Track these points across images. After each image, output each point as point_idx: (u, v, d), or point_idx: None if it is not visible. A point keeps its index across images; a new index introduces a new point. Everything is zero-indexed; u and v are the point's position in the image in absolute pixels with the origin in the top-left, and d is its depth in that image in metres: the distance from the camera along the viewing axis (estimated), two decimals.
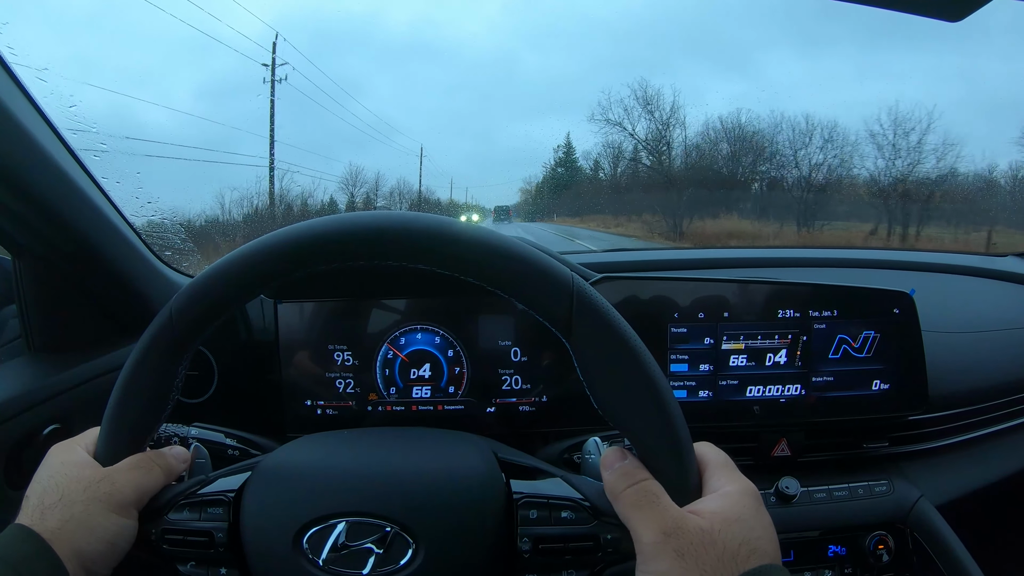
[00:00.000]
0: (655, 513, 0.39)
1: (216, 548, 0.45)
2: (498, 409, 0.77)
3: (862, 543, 0.76)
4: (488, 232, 0.42)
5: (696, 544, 0.37)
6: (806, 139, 9.89)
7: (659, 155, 12.01)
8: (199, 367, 0.78)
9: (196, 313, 0.43)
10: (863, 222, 8.10)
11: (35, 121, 0.62)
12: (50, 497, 0.42)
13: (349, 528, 0.43)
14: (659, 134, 11.76)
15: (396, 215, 0.42)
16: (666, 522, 0.39)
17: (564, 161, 13.57)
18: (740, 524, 0.38)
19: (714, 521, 0.38)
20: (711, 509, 0.39)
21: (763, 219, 9.05)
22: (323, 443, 0.51)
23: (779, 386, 0.77)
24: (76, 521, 0.41)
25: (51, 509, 0.42)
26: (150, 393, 0.44)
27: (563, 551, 0.44)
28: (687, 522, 0.39)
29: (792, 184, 9.92)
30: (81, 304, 0.76)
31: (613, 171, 12.72)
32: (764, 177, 10.60)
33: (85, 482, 0.43)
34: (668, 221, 8.89)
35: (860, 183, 9.44)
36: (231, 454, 0.62)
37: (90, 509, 0.42)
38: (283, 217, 6.01)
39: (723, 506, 0.39)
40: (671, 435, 0.40)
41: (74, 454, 0.45)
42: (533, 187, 13.69)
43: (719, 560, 0.37)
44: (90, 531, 0.42)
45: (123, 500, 0.43)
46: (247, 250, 0.42)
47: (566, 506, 0.45)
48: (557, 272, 0.41)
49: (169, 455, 0.49)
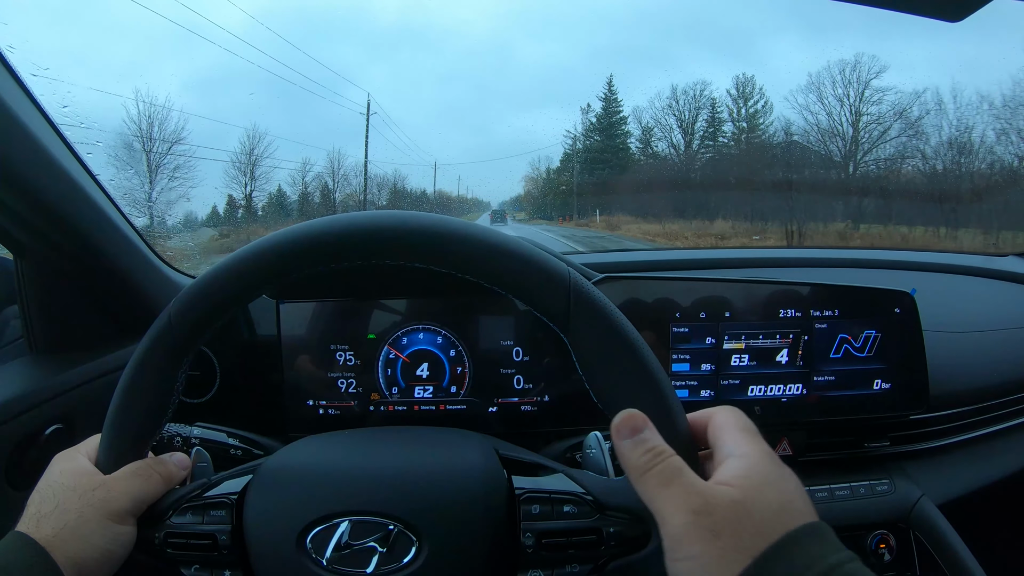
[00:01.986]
0: (682, 491, 0.37)
1: (220, 551, 0.45)
2: (500, 409, 0.77)
3: (864, 542, 0.76)
4: (485, 229, 0.42)
5: (731, 519, 0.35)
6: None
7: (753, 133, 8.46)
8: (201, 367, 0.78)
9: (195, 317, 0.43)
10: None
11: (37, 120, 0.62)
12: (47, 505, 0.43)
13: (352, 527, 0.43)
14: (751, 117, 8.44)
15: (392, 214, 0.42)
16: (693, 500, 0.36)
17: (604, 123, 8.91)
18: (771, 487, 0.36)
19: (747, 489, 0.36)
20: (739, 475, 0.37)
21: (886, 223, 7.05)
22: (324, 443, 0.51)
23: (780, 386, 0.77)
24: (70, 529, 0.42)
25: (47, 517, 0.42)
26: (150, 399, 0.44)
27: (566, 545, 0.44)
28: (717, 496, 0.36)
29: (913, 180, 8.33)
30: (83, 304, 0.76)
31: (686, 145, 8.27)
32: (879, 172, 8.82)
33: (80, 490, 0.43)
34: (792, 224, 6.65)
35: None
36: (233, 454, 0.62)
37: (84, 516, 0.42)
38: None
39: (750, 470, 0.37)
40: (672, 426, 0.40)
41: (74, 462, 0.45)
42: (542, 174, 10.22)
43: (757, 532, 0.34)
44: (84, 539, 0.42)
45: (119, 508, 0.43)
46: (244, 253, 0.42)
47: (568, 500, 0.45)
48: (553, 268, 0.41)
49: (170, 462, 0.49)
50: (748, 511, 0.35)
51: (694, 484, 0.37)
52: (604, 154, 8.91)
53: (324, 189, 8.49)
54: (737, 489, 0.36)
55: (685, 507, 0.36)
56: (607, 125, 8.76)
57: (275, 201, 7.56)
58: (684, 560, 0.36)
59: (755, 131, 9.30)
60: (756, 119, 9.36)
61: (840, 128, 9.22)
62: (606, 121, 8.85)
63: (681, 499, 0.36)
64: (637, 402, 0.40)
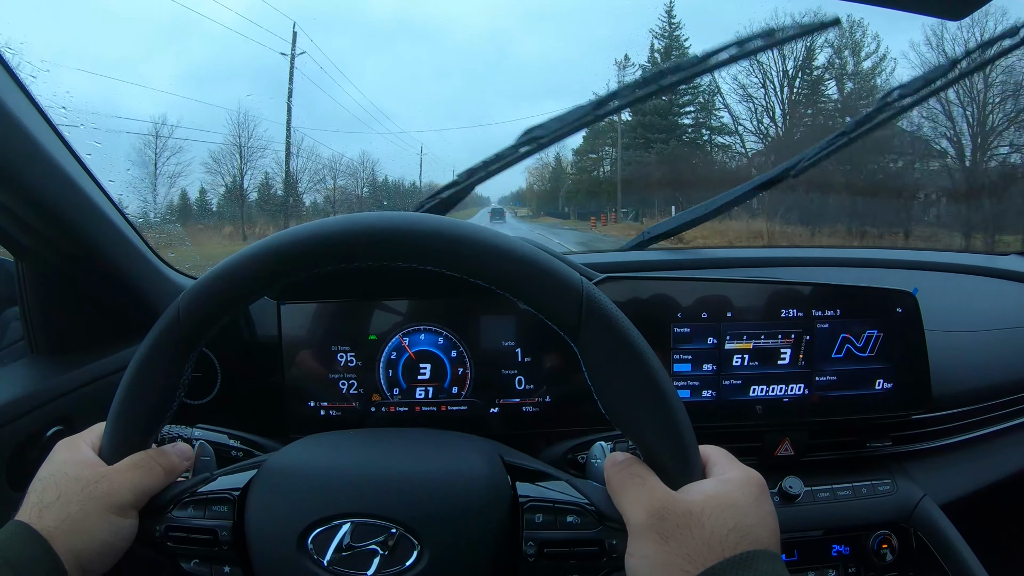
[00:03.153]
0: (642, 493, 0.39)
1: (220, 546, 0.45)
2: (502, 410, 0.77)
3: (866, 543, 0.76)
4: (495, 234, 0.42)
5: (681, 527, 0.37)
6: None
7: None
8: (202, 369, 0.78)
9: (204, 311, 0.43)
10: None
11: (37, 122, 0.62)
12: (49, 495, 0.43)
13: (354, 529, 0.43)
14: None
15: (403, 216, 0.42)
16: (653, 503, 0.38)
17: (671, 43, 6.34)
18: (733, 510, 0.37)
19: (705, 504, 0.38)
20: (705, 491, 0.39)
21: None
22: (329, 443, 0.51)
23: (782, 386, 0.77)
24: (72, 521, 0.42)
25: (49, 508, 0.42)
26: (156, 390, 0.44)
27: (568, 555, 0.44)
28: (675, 503, 0.38)
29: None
30: (84, 306, 0.76)
31: (788, 109, 5.94)
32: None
33: (83, 482, 0.43)
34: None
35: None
36: (234, 455, 0.62)
37: (86, 509, 0.42)
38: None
39: (719, 491, 0.39)
40: (677, 440, 0.40)
41: (77, 452, 0.45)
42: (550, 162, 8.32)
43: (704, 544, 0.36)
44: (86, 532, 0.42)
45: (121, 500, 0.43)
46: (253, 250, 0.42)
47: (571, 510, 0.45)
48: (566, 275, 0.41)
49: (172, 453, 0.49)
50: (700, 524, 0.37)
51: (654, 488, 0.40)
52: (665, 121, 6.45)
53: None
54: (697, 503, 0.38)
55: (643, 507, 0.39)
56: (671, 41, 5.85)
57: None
58: (636, 558, 0.38)
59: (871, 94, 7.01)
60: (870, 77, 6.93)
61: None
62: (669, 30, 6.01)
63: (642, 499, 0.39)
64: (644, 416, 0.40)
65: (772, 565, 0.36)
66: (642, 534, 0.38)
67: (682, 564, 0.36)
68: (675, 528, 0.37)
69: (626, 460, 0.42)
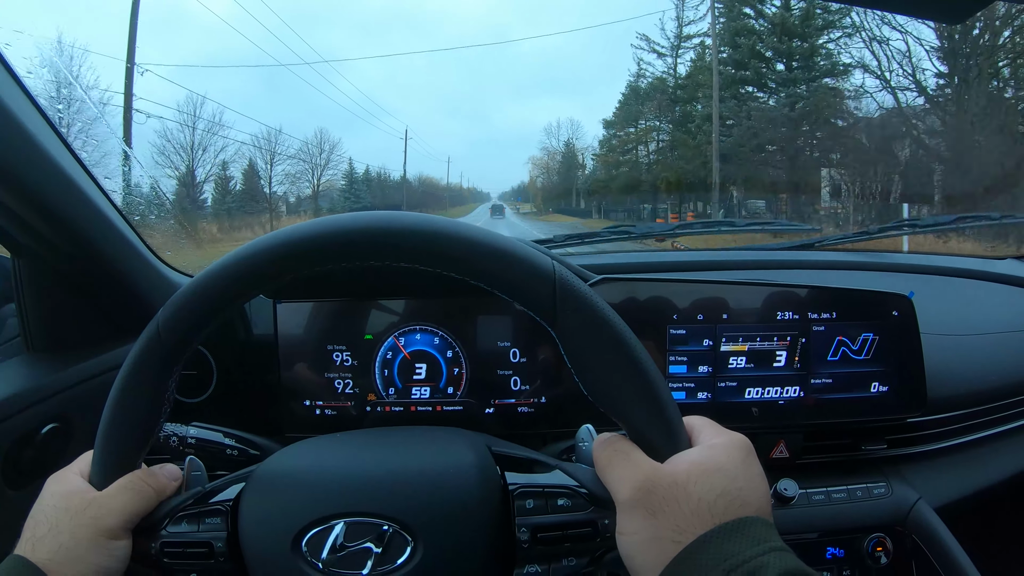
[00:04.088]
0: (627, 469, 0.39)
1: (216, 558, 0.45)
2: (497, 410, 0.77)
3: (860, 545, 0.76)
4: (468, 226, 0.42)
5: (668, 499, 0.36)
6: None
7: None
8: (198, 366, 0.78)
9: (184, 325, 0.43)
10: None
11: (34, 119, 0.62)
12: (41, 528, 0.43)
13: (347, 528, 0.43)
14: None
15: (376, 215, 0.42)
16: (638, 477, 0.38)
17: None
18: (720, 474, 0.37)
19: (691, 472, 0.37)
20: (690, 459, 0.38)
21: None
22: (317, 446, 0.51)
23: (778, 388, 0.77)
24: (65, 550, 0.42)
25: (41, 541, 0.42)
26: (141, 411, 0.44)
27: (562, 539, 0.44)
28: (661, 476, 0.38)
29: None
30: (80, 303, 0.76)
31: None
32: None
33: (72, 511, 0.43)
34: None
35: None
36: (229, 454, 0.62)
37: (77, 536, 0.42)
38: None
39: (704, 456, 0.38)
40: (660, 413, 0.40)
41: (66, 483, 0.46)
42: (558, 149, 6.92)
43: (693, 513, 0.35)
44: (80, 559, 0.42)
45: (111, 524, 0.43)
46: (232, 258, 0.42)
47: (562, 494, 0.45)
48: (537, 261, 0.41)
49: (161, 474, 0.49)
50: (688, 494, 0.36)
51: (639, 463, 0.39)
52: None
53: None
54: (682, 472, 0.37)
55: (630, 482, 0.38)
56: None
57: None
58: (626, 535, 0.38)
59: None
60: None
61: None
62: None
63: (628, 474, 0.39)
64: (626, 394, 0.41)
65: (763, 530, 0.35)
66: (630, 510, 0.38)
67: (672, 536, 0.35)
68: (662, 501, 0.37)
69: (611, 438, 0.43)
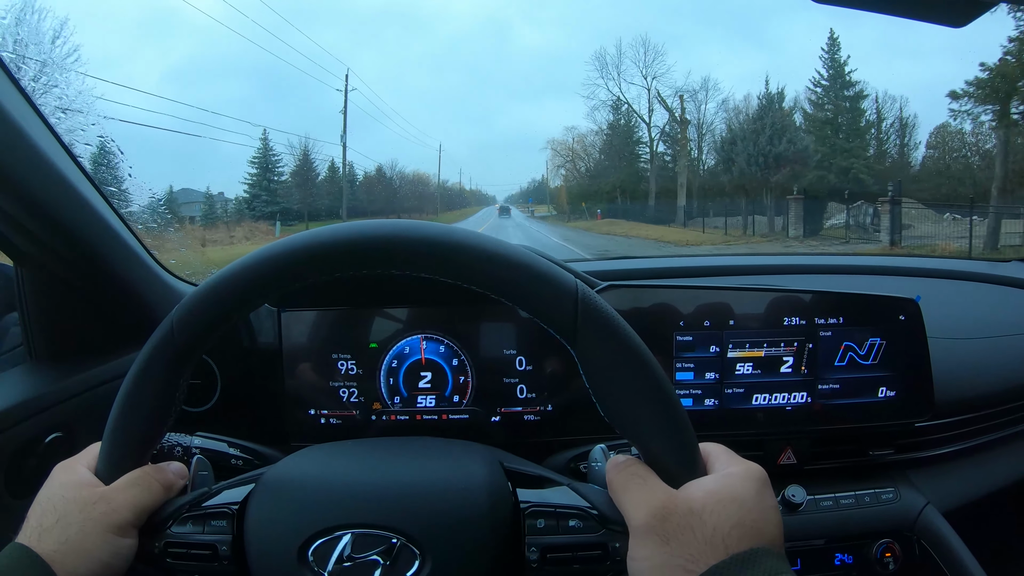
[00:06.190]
0: (643, 494, 0.39)
1: (220, 561, 0.44)
2: (503, 418, 0.77)
3: (869, 551, 0.75)
4: (491, 239, 0.42)
5: (683, 527, 0.36)
6: None
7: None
8: (202, 376, 0.78)
9: (197, 325, 0.43)
10: None
11: (37, 127, 0.62)
12: (48, 518, 0.42)
13: (355, 540, 0.43)
14: None
15: (398, 224, 0.42)
16: (653, 503, 0.38)
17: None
18: (735, 504, 0.37)
19: (707, 501, 0.37)
20: (706, 488, 0.38)
21: None
22: (327, 454, 0.50)
23: (785, 394, 0.76)
24: (72, 543, 0.41)
25: (48, 531, 0.42)
26: (151, 407, 0.44)
27: (571, 560, 0.44)
28: (676, 502, 0.37)
29: None
30: (83, 312, 0.76)
31: None
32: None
33: (81, 503, 0.43)
34: None
35: None
36: (234, 463, 0.62)
37: (86, 530, 0.42)
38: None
39: (720, 485, 0.38)
40: (677, 438, 0.40)
41: (74, 473, 0.45)
42: (603, 117, 6.63)
43: (707, 542, 0.35)
44: (86, 553, 0.41)
45: (120, 520, 0.43)
46: (247, 261, 0.42)
47: (573, 515, 0.44)
48: (561, 279, 0.41)
49: (168, 471, 0.48)
50: (702, 522, 0.36)
51: (655, 489, 0.39)
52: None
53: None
54: (698, 501, 0.37)
55: (645, 508, 0.38)
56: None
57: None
58: (638, 560, 0.38)
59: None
60: None
61: None
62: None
63: (643, 499, 0.38)
64: (644, 419, 0.40)
65: (775, 563, 0.35)
66: (644, 536, 0.37)
67: (685, 564, 0.35)
68: (677, 528, 0.36)
69: (627, 461, 0.42)
